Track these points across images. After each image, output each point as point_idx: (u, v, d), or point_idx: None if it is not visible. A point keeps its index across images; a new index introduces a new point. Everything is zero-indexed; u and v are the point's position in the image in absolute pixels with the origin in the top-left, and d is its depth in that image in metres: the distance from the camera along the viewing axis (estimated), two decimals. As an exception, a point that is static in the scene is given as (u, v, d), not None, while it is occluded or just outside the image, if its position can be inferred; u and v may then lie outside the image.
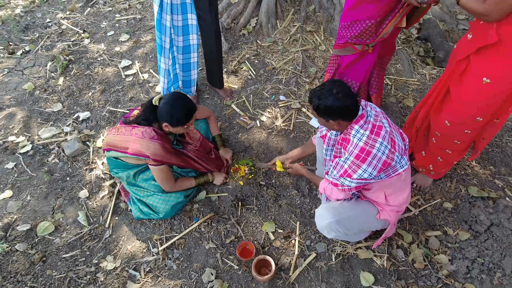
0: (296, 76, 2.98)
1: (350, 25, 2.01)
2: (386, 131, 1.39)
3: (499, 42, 1.40)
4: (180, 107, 1.80)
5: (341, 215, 1.60)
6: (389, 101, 2.77)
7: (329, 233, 1.66)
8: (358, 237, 1.85)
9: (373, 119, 1.42)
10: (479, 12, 1.36)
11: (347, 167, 1.44)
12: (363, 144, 1.37)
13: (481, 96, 1.56)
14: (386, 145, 1.37)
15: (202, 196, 2.14)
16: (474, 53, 1.52)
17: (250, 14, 3.45)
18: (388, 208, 1.59)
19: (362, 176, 1.40)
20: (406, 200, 1.58)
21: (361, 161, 1.38)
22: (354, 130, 1.42)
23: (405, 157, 1.45)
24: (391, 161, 1.39)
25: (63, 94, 2.87)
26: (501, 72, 1.47)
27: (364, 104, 1.47)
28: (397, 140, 1.44)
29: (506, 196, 2.09)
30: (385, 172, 1.44)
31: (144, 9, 3.83)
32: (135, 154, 1.82)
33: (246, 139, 2.51)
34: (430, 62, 3.26)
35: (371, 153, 1.36)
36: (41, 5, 3.94)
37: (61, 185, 2.26)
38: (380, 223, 1.65)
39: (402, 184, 1.52)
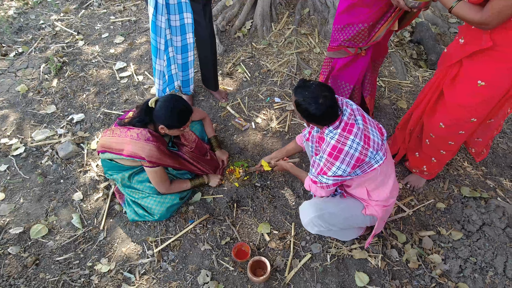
0: (291, 78, 3.00)
1: (343, 28, 2.04)
2: (358, 128, 1.42)
3: (493, 47, 1.42)
4: (176, 110, 1.80)
5: (323, 211, 1.62)
6: (382, 103, 2.80)
7: (312, 228, 1.68)
8: (349, 235, 1.86)
9: (346, 117, 1.45)
10: (477, 21, 1.35)
11: (323, 165, 1.48)
12: (335, 142, 1.42)
13: (476, 98, 1.59)
14: (358, 142, 1.40)
15: (197, 197, 2.14)
16: (467, 57, 1.55)
17: (245, 17, 3.47)
18: (373, 203, 1.61)
19: (336, 173, 1.45)
20: (391, 195, 1.60)
21: (333, 159, 1.42)
22: (327, 130, 1.47)
23: (380, 153, 1.47)
24: (364, 157, 1.43)
25: (57, 96, 2.85)
26: (495, 75, 1.50)
27: (340, 103, 1.49)
28: (373, 136, 1.46)
29: (498, 196, 2.13)
30: (361, 168, 1.48)
31: (139, 11, 3.82)
32: (130, 155, 1.81)
33: (241, 141, 2.52)
34: (422, 64, 3.30)
35: (343, 151, 1.40)
36: (34, 7, 3.92)
37: (54, 187, 2.25)
38: (368, 219, 1.66)
39: (383, 179, 1.55)
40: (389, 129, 2.59)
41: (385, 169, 1.53)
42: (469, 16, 1.37)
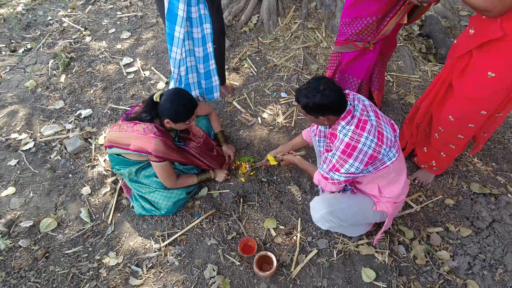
0: (297, 73, 2.98)
1: (351, 22, 2.00)
2: (371, 125, 1.40)
3: (503, 37, 1.39)
4: (181, 103, 1.80)
5: (334, 206, 1.61)
6: (390, 98, 2.76)
7: (324, 224, 1.67)
8: (358, 231, 1.85)
9: (359, 113, 1.43)
10: (481, 7, 1.35)
11: (335, 162, 1.46)
12: (349, 140, 1.39)
13: (486, 90, 1.56)
14: (372, 139, 1.38)
15: (203, 192, 2.15)
16: (477, 48, 1.51)
17: (251, 11, 3.45)
18: (384, 200, 1.59)
19: (349, 170, 1.43)
20: (402, 191, 1.58)
21: (347, 156, 1.41)
22: (340, 126, 1.44)
23: (393, 150, 1.45)
24: (377, 154, 1.41)
25: (65, 92, 2.88)
26: (506, 66, 1.46)
27: (352, 98, 1.48)
28: (386, 132, 1.44)
29: (508, 193, 2.09)
30: (373, 165, 1.46)
31: (145, 6, 3.82)
32: (137, 150, 1.82)
33: (247, 136, 2.52)
34: (432, 59, 3.24)
35: (356, 148, 1.38)
36: (42, 3, 3.95)
37: (63, 182, 2.28)
38: (378, 215, 1.65)
39: (395, 176, 1.53)
40: (397, 124, 2.56)
41: (397, 166, 1.51)
42: (476, 2, 1.36)
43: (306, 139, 1.99)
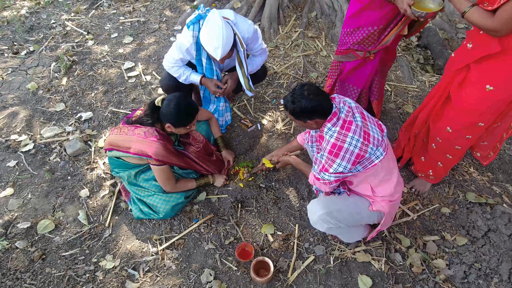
0: (297, 80, 3.02)
1: (353, 31, 2.05)
2: (357, 125, 1.46)
3: (501, 51, 1.43)
4: (183, 108, 1.82)
5: (331, 207, 1.64)
6: (388, 107, 2.80)
7: (322, 225, 1.68)
8: (355, 236, 1.85)
9: (344, 115, 1.49)
10: (489, 28, 1.36)
11: (324, 162, 1.52)
12: (335, 140, 1.45)
13: (484, 103, 1.59)
14: (357, 139, 1.43)
15: (202, 197, 2.15)
16: (475, 62, 1.55)
17: (252, 19, 3.50)
18: (379, 199, 1.62)
19: (338, 170, 1.48)
20: (396, 190, 1.61)
21: (334, 156, 1.46)
22: (326, 128, 1.50)
23: (380, 148, 1.49)
24: (364, 153, 1.46)
25: (66, 94, 2.89)
26: (504, 79, 1.50)
27: (338, 102, 1.54)
28: (372, 132, 1.49)
29: (504, 203, 2.11)
30: (361, 164, 1.50)
31: (148, 12, 3.87)
32: (137, 153, 1.83)
33: (247, 142, 2.53)
34: (429, 69, 3.30)
35: (343, 148, 1.44)
36: (46, 7, 3.99)
37: (62, 184, 2.28)
38: (375, 215, 1.67)
39: (385, 175, 1.56)
40: (395, 133, 2.59)
41: (387, 164, 1.55)
42: (481, 22, 1.37)
43: (301, 143, 2.03)
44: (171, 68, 2.19)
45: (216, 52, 1.87)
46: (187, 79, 2.23)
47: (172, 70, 2.20)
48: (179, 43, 2.08)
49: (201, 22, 1.96)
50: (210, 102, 2.49)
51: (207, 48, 1.92)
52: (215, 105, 2.48)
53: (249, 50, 2.23)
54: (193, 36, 2.01)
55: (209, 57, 2.10)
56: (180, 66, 2.20)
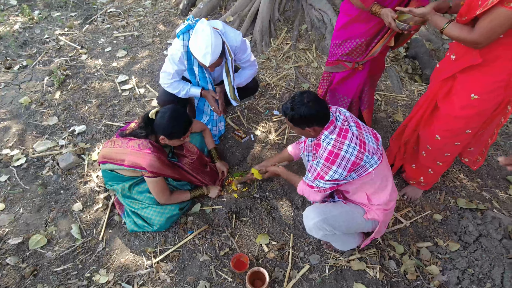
0: (289, 91, 3.07)
1: (342, 43, 2.11)
2: (353, 134, 1.49)
3: (482, 62, 1.49)
4: (176, 121, 1.84)
5: (327, 214, 1.64)
6: (379, 116, 2.85)
7: (317, 232, 1.69)
8: (351, 243, 1.86)
9: (341, 123, 1.53)
10: (469, 40, 1.41)
11: (319, 170, 1.54)
12: (332, 147, 1.48)
13: (470, 110, 1.64)
14: (354, 147, 1.46)
15: (196, 208, 2.15)
16: (460, 72, 1.61)
17: (244, 33, 3.57)
18: (374, 207, 1.64)
19: (333, 177, 1.50)
20: (391, 198, 1.63)
21: (330, 163, 1.48)
22: (323, 136, 1.53)
23: (375, 157, 1.53)
24: (360, 161, 1.48)
25: (59, 108, 2.90)
26: (487, 88, 1.56)
27: (334, 111, 1.58)
28: (368, 140, 1.53)
29: (494, 208, 2.15)
30: (356, 172, 1.53)
31: (142, 26, 3.93)
32: (131, 166, 1.84)
33: (240, 153, 2.55)
34: (417, 79, 3.38)
35: (339, 155, 1.46)
36: (39, 22, 4.02)
37: (54, 198, 2.26)
38: (369, 223, 1.69)
39: (381, 183, 1.59)
40: (386, 141, 2.63)
41: (383, 172, 1.57)
42: (461, 36, 1.43)
43: (291, 153, 2.06)
44: (169, 86, 2.22)
45: (205, 58, 1.91)
46: (187, 93, 2.26)
47: (170, 87, 2.23)
48: (170, 56, 2.12)
49: (191, 32, 2.01)
50: (204, 113, 2.51)
51: (197, 55, 1.95)
52: (208, 116, 2.51)
53: (237, 60, 2.28)
54: (183, 45, 2.05)
55: (201, 65, 2.14)
56: (178, 81, 2.23)
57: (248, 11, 3.66)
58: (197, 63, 2.11)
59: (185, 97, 2.31)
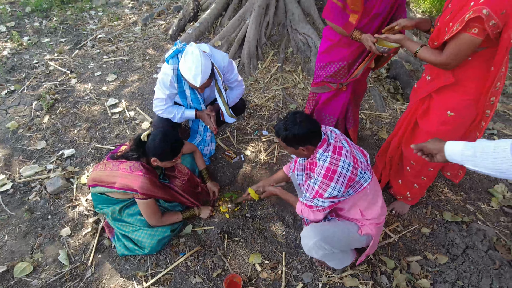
0: (277, 112, 3.15)
1: (325, 66, 2.23)
2: (346, 150, 1.54)
3: (455, 82, 1.61)
4: (168, 142, 1.87)
5: (326, 232, 1.66)
6: (365, 134, 2.95)
7: (317, 252, 1.69)
8: (345, 261, 1.88)
9: (333, 141, 1.58)
10: (439, 63, 1.54)
11: (318, 188, 1.56)
12: (328, 164, 1.51)
13: (447, 126, 1.74)
14: (349, 163, 1.51)
15: (188, 230, 2.14)
16: (435, 91, 1.72)
17: (233, 56, 3.69)
18: (367, 222, 1.67)
19: (332, 194, 1.52)
20: (382, 212, 1.67)
21: (329, 180, 1.51)
22: (318, 154, 1.57)
23: (368, 172, 1.58)
24: (355, 177, 1.53)
25: (48, 132, 2.88)
26: (461, 106, 1.66)
27: (324, 129, 1.63)
28: (359, 157, 1.59)
29: (478, 220, 2.22)
30: (352, 188, 1.57)
31: (132, 51, 4.01)
32: (122, 188, 1.84)
33: (231, 173, 2.58)
34: (399, 98, 3.54)
35: (336, 171, 1.50)
36: (29, 48, 4.06)
37: (41, 223, 2.21)
38: (364, 239, 1.71)
39: (373, 197, 1.64)
40: (372, 158, 2.71)
41: (374, 187, 1.63)
42: (432, 58, 1.56)
43: (287, 173, 2.09)
44: (164, 111, 2.27)
45: (196, 79, 1.97)
46: (182, 116, 2.30)
47: (165, 113, 2.27)
48: (161, 81, 2.18)
49: (179, 55, 2.08)
50: (198, 133, 2.55)
51: (187, 77, 2.00)
52: (201, 137, 2.54)
53: (226, 81, 2.35)
54: (173, 69, 2.11)
55: (192, 87, 2.19)
56: (171, 106, 2.28)
57: (235, 36, 3.81)
58: (188, 85, 2.17)
59: (180, 121, 2.35)
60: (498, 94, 1.61)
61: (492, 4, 1.30)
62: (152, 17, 4.58)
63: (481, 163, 1.07)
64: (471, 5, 1.36)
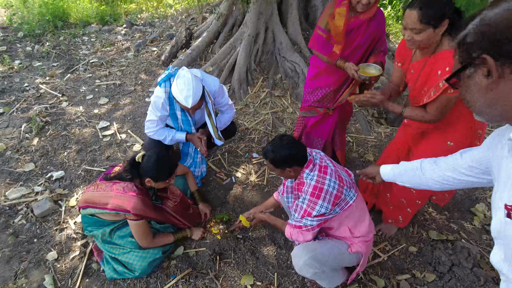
0: (267, 135, 3.24)
1: (313, 91, 2.36)
2: (331, 169, 1.63)
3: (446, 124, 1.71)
4: (162, 163, 1.91)
5: (316, 250, 1.68)
6: (352, 157, 3.06)
7: (308, 271, 1.70)
8: (336, 281, 1.89)
9: (319, 161, 1.66)
10: (425, 120, 1.69)
11: (306, 206, 1.61)
12: (315, 183, 1.58)
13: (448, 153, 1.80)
14: (334, 181, 1.59)
15: (179, 251, 2.13)
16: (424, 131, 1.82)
17: (223, 81, 3.82)
18: (357, 240, 1.71)
19: (320, 211, 1.58)
20: (370, 229, 1.72)
21: (316, 198, 1.57)
22: (305, 173, 1.64)
23: (353, 190, 1.66)
24: (341, 194, 1.60)
25: (37, 154, 2.86)
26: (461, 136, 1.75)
27: (309, 151, 1.72)
28: (343, 176, 1.67)
29: (462, 238, 2.30)
30: (339, 206, 1.63)
31: (124, 75, 4.09)
32: (115, 209, 1.84)
33: (222, 195, 2.60)
34: (383, 122, 3.71)
35: (323, 189, 1.57)
36: (20, 71, 4.08)
37: (26, 247, 2.15)
38: (354, 257, 1.74)
39: (360, 214, 1.69)
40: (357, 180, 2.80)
41: (360, 205, 1.69)
42: (419, 118, 1.70)
43: (277, 199, 2.13)
44: (155, 133, 2.32)
45: (187, 101, 2.04)
46: (173, 139, 2.36)
47: (156, 135, 2.33)
48: (153, 103, 2.25)
49: (172, 79, 2.17)
50: (188, 155, 2.59)
51: (179, 98, 2.08)
52: (192, 159, 2.58)
53: (216, 104, 2.44)
54: (165, 92, 2.19)
55: (183, 110, 2.26)
56: (162, 128, 2.34)
57: (226, 62, 3.96)
58: (179, 107, 2.25)
59: (171, 143, 2.40)
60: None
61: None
62: (145, 43, 4.73)
63: (404, 179, 1.38)
64: (439, 74, 1.49)
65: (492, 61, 0.67)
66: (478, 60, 0.69)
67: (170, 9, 5.98)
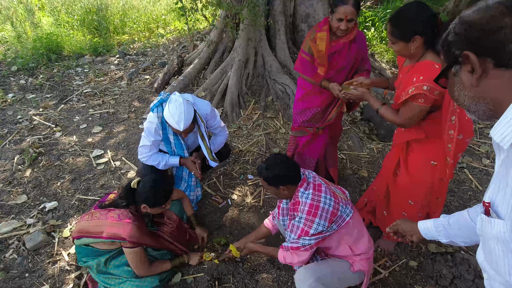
0: (261, 156, 3.27)
1: (302, 112, 2.43)
2: (325, 187, 1.65)
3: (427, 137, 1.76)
4: (158, 189, 1.91)
5: (320, 273, 1.66)
6: (346, 173, 3.08)
7: None
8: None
9: (312, 179, 1.68)
10: (396, 123, 1.76)
11: (303, 225, 1.60)
12: (311, 201, 1.59)
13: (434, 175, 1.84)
14: (330, 198, 1.60)
15: (177, 278, 2.07)
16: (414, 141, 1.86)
17: (216, 105, 3.89)
18: (358, 258, 1.69)
19: (318, 229, 1.57)
20: (370, 244, 1.71)
21: (313, 216, 1.57)
22: (300, 193, 1.66)
23: (349, 206, 1.67)
24: (337, 211, 1.61)
25: (29, 186, 2.83)
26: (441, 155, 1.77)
27: (302, 171, 1.74)
28: (338, 193, 1.69)
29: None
30: (335, 223, 1.62)
31: (117, 104, 4.14)
32: (110, 237, 1.81)
33: (219, 218, 2.58)
34: (375, 138, 3.77)
35: (319, 207, 1.57)
36: (13, 104, 4.11)
37: (17, 283, 2.08)
38: (356, 275, 1.72)
39: (358, 231, 1.69)
40: (355, 196, 2.81)
41: (357, 221, 1.69)
42: (390, 118, 1.77)
43: (268, 227, 2.11)
44: (148, 159, 2.34)
45: (179, 124, 2.08)
46: (166, 163, 2.37)
47: (149, 160, 2.34)
48: (146, 129, 2.28)
49: (164, 104, 2.22)
50: (182, 179, 2.59)
51: (171, 122, 2.11)
52: (186, 183, 2.58)
53: (209, 127, 2.49)
54: (158, 117, 2.23)
55: (176, 134, 2.29)
56: (156, 153, 2.36)
57: (218, 87, 4.05)
58: (172, 131, 2.28)
59: (164, 168, 2.41)
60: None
61: (431, 82, 1.50)
62: (137, 72, 4.82)
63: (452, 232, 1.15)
64: (414, 81, 1.57)
65: (474, 57, 0.69)
66: (461, 58, 0.72)
67: (162, 39, 6.15)
